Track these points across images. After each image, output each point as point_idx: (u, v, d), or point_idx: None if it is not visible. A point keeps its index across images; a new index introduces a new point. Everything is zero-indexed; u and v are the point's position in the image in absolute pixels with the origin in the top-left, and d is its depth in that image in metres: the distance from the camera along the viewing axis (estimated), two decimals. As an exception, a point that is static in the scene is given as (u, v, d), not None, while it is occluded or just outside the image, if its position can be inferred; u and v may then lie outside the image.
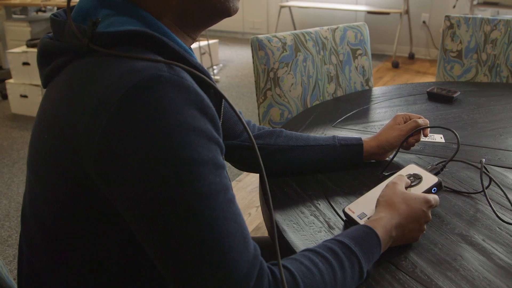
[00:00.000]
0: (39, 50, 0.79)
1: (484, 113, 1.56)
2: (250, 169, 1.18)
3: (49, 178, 0.74)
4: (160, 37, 0.72)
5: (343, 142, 1.16)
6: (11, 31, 4.70)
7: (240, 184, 2.89)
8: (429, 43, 5.79)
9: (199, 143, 0.64)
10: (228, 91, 4.62)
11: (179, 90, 0.65)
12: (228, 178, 0.69)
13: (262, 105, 1.66)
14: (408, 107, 1.61)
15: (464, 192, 1.08)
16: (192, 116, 0.65)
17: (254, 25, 6.96)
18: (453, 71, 2.17)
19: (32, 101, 3.99)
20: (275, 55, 1.64)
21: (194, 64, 0.73)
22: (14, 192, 2.84)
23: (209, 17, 0.82)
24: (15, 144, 3.52)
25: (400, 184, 0.92)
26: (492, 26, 2.08)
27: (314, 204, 1.04)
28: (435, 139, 1.35)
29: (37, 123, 0.79)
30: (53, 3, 4.33)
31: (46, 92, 0.79)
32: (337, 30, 1.84)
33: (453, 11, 5.44)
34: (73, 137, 0.68)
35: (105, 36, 0.70)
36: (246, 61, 5.75)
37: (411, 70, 5.34)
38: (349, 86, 1.88)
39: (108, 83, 0.65)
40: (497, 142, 1.34)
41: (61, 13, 0.80)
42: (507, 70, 2.07)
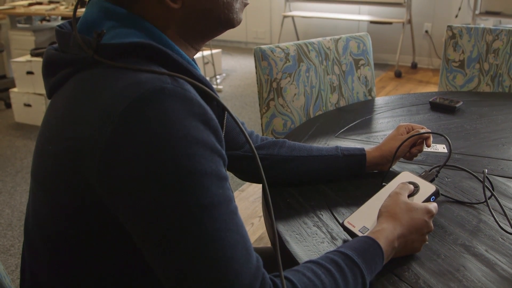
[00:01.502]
0: (44, 61, 0.80)
1: (486, 123, 1.56)
2: (253, 179, 1.18)
3: (53, 189, 0.74)
4: (164, 49, 0.72)
5: (346, 153, 1.16)
6: (15, 40, 4.73)
7: (242, 194, 2.89)
8: (432, 52, 5.80)
9: (202, 155, 0.65)
10: (231, 101, 4.63)
11: (182, 102, 0.65)
12: (230, 190, 0.70)
13: (265, 115, 1.67)
14: (411, 117, 1.62)
15: (467, 202, 1.08)
16: (195, 128, 0.65)
17: (257, 34, 6.98)
18: (455, 81, 2.17)
19: (36, 110, 4.01)
20: (278, 65, 1.65)
21: (198, 76, 0.74)
22: (17, 201, 2.85)
23: (213, 28, 0.83)
24: (18, 153, 3.53)
25: (403, 194, 0.92)
26: (494, 36, 2.09)
27: (317, 214, 1.04)
28: (437, 149, 1.35)
29: (41, 133, 0.79)
30: (57, 13, 4.36)
31: (51, 103, 0.79)
32: (339, 40, 1.84)
33: (455, 21, 5.45)
34: (77, 147, 0.68)
35: (109, 48, 0.71)
36: (249, 70, 5.76)
37: (413, 79, 5.34)
38: (352, 96, 1.89)
39: (112, 94, 0.66)
40: (500, 152, 1.34)
41: (66, 24, 0.81)
42: (509, 80, 2.08)
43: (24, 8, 4.64)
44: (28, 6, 4.69)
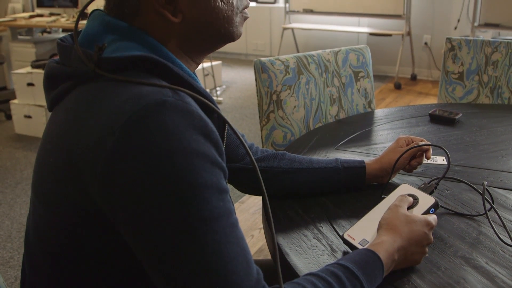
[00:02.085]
0: (46, 74, 0.81)
1: (486, 135, 1.56)
2: (253, 192, 1.18)
3: (54, 201, 0.75)
4: (164, 62, 0.73)
5: (345, 165, 1.16)
6: (16, 52, 4.75)
7: (243, 205, 2.89)
8: (431, 64, 5.82)
9: (203, 168, 0.65)
10: (231, 113, 4.64)
11: (183, 115, 0.66)
12: (231, 202, 0.70)
13: (265, 128, 1.67)
14: (411, 129, 1.62)
15: (467, 214, 1.08)
16: (196, 140, 0.65)
17: (257, 46, 7.01)
18: (455, 93, 2.18)
19: (36, 121, 4.01)
20: (278, 77, 1.66)
21: (198, 89, 0.74)
22: (17, 213, 2.84)
23: (213, 42, 0.84)
24: (18, 164, 3.53)
25: (403, 206, 0.93)
26: (493, 48, 2.10)
27: (317, 227, 1.04)
28: (437, 161, 1.36)
29: (42, 146, 0.80)
30: (58, 25, 4.38)
31: (52, 116, 0.80)
32: (339, 53, 1.85)
33: (454, 33, 5.48)
34: (78, 160, 0.68)
35: (111, 61, 0.71)
36: (249, 82, 5.78)
37: (413, 91, 5.35)
38: (352, 108, 1.89)
39: (113, 107, 0.66)
40: (499, 164, 1.34)
41: (68, 38, 0.82)
42: (508, 92, 2.08)
43: (25, 20, 4.67)
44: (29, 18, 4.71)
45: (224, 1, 0.80)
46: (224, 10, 0.81)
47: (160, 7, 0.76)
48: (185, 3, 0.77)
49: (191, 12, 0.78)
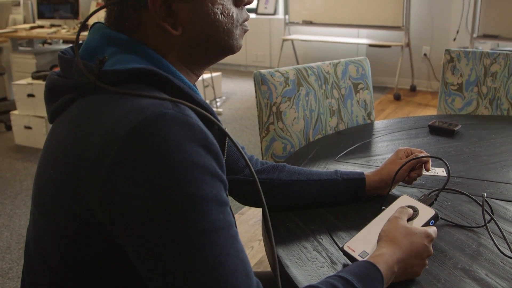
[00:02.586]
0: (47, 86, 0.81)
1: (485, 146, 1.56)
2: (253, 203, 1.18)
3: (54, 213, 0.75)
4: (165, 74, 0.73)
5: (345, 177, 1.16)
6: (17, 63, 4.76)
7: (242, 217, 2.89)
8: (431, 75, 5.83)
9: (203, 180, 0.65)
10: (231, 124, 4.64)
11: (183, 127, 0.66)
12: (231, 215, 0.70)
13: (265, 139, 1.68)
14: (410, 140, 1.62)
15: (466, 226, 1.08)
16: (196, 153, 0.66)
17: (257, 58, 7.03)
18: (454, 104, 2.19)
19: (36, 132, 4.02)
20: (277, 89, 1.66)
21: (199, 101, 0.75)
22: (16, 224, 2.84)
23: (213, 54, 0.85)
24: (18, 175, 3.53)
25: (402, 218, 0.93)
26: (491, 59, 2.11)
27: (317, 239, 1.04)
28: (436, 173, 1.36)
29: (43, 158, 0.80)
30: (59, 36, 4.40)
31: (53, 128, 0.80)
32: (338, 64, 1.86)
33: (453, 44, 5.50)
34: (78, 173, 0.69)
35: (111, 74, 0.72)
36: (249, 93, 5.79)
37: (413, 102, 5.36)
38: (351, 120, 1.90)
39: (114, 120, 0.67)
40: (499, 175, 1.34)
41: (69, 50, 0.82)
42: (507, 103, 2.09)
43: (26, 31, 4.69)
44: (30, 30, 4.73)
45: (224, 14, 0.81)
46: (224, 23, 0.81)
47: (160, 20, 0.76)
48: (185, 16, 0.78)
49: (191, 25, 0.79)
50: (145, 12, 0.77)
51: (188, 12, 0.78)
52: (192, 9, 0.78)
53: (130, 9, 0.77)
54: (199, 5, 0.78)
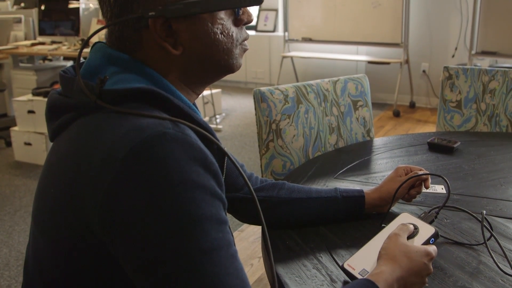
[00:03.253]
0: (48, 105, 0.82)
1: (484, 163, 1.57)
2: (252, 221, 1.18)
3: (54, 232, 0.75)
4: (165, 94, 0.74)
5: (345, 194, 1.17)
6: (17, 79, 4.78)
7: (242, 234, 2.88)
8: (430, 92, 5.85)
9: (202, 199, 0.66)
10: (230, 141, 4.65)
11: (183, 147, 0.66)
12: (230, 233, 0.70)
13: (265, 157, 1.68)
14: (409, 157, 1.63)
15: (466, 243, 1.08)
16: (196, 172, 0.66)
17: (256, 75, 7.06)
18: (453, 121, 2.19)
19: (36, 149, 4.02)
20: (277, 107, 1.67)
21: (198, 121, 0.75)
22: (15, 240, 2.83)
23: (213, 74, 0.85)
24: (17, 191, 3.52)
25: (402, 235, 0.93)
26: (490, 76, 2.12)
27: (316, 257, 1.04)
28: (436, 190, 1.36)
29: (43, 176, 0.80)
30: (59, 53, 4.42)
31: (53, 146, 0.80)
32: (338, 82, 1.87)
33: (452, 61, 5.53)
34: (78, 191, 0.69)
35: (112, 94, 0.72)
36: (249, 110, 5.81)
37: (412, 119, 5.38)
38: (351, 137, 1.90)
39: (114, 139, 0.67)
40: (498, 192, 1.34)
41: (70, 69, 0.83)
42: (506, 120, 2.10)
43: (27, 48, 4.71)
44: (31, 46, 4.76)
45: (224, 34, 0.82)
46: (224, 42, 0.82)
47: (161, 40, 0.77)
48: (186, 36, 0.79)
49: (191, 45, 0.79)
50: (146, 32, 0.78)
51: (188, 32, 0.78)
52: (192, 29, 0.79)
53: (131, 29, 0.78)
54: (199, 25, 0.79)
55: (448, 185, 1.14)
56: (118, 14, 0.77)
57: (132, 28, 0.78)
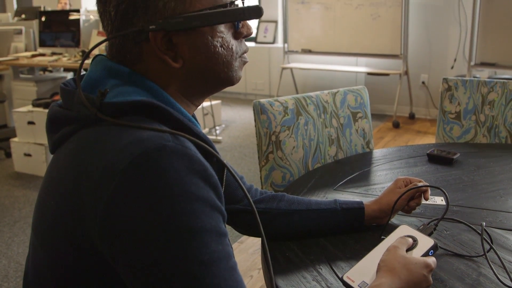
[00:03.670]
0: (49, 117, 0.82)
1: (484, 174, 1.57)
2: (252, 233, 1.18)
3: (54, 243, 0.75)
4: (165, 107, 0.74)
5: (344, 206, 1.17)
6: (17, 90, 4.79)
7: (242, 246, 2.88)
8: (429, 103, 5.87)
9: (202, 212, 0.66)
10: (230, 152, 4.65)
11: (183, 159, 0.67)
12: (230, 246, 0.70)
13: (264, 168, 1.68)
14: (409, 169, 1.63)
15: (466, 255, 1.08)
16: (195, 185, 0.66)
17: (256, 86, 7.07)
18: (452, 132, 2.20)
19: (36, 160, 4.02)
20: (276, 118, 1.68)
21: (198, 133, 0.76)
22: (14, 252, 2.82)
23: (213, 86, 0.86)
24: (17, 202, 3.52)
25: (401, 248, 0.93)
26: (489, 88, 2.13)
27: (316, 269, 1.04)
28: (435, 202, 1.36)
29: (43, 188, 0.80)
30: (59, 64, 4.43)
31: (53, 158, 0.81)
32: (337, 94, 1.88)
33: (451, 72, 5.54)
34: (78, 203, 0.69)
35: (112, 106, 0.73)
36: (248, 121, 5.81)
37: (411, 130, 5.38)
38: (350, 149, 1.91)
39: (114, 151, 0.67)
40: (498, 204, 1.34)
41: (71, 82, 0.84)
42: (505, 131, 2.10)
43: (27, 59, 4.72)
44: (31, 58, 4.77)
45: (223, 47, 0.82)
46: (223, 55, 0.83)
47: (161, 53, 0.78)
48: (185, 49, 0.79)
49: (191, 58, 0.80)
50: (146, 45, 0.78)
51: (188, 45, 0.79)
52: (192, 42, 0.79)
53: (132, 42, 0.78)
54: (199, 38, 0.79)
55: (447, 198, 1.14)
56: (118, 27, 0.78)
57: (132, 41, 0.78)
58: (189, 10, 0.77)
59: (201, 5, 0.78)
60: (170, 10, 0.77)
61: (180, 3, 0.77)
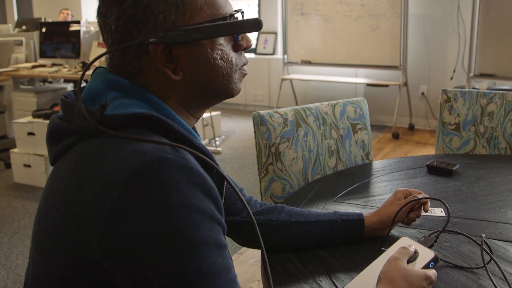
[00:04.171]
0: (49, 129, 0.82)
1: (483, 185, 1.57)
2: (252, 245, 1.18)
3: (54, 255, 0.75)
4: (165, 119, 0.75)
5: (344, 218, 1.17)
6: (18, 101, 4.80)
7: (241, 257, 2.87)
8: (428, 114, 5.88)
9: (202, 224, 0.66)
10: (230, 163, 4.65)
11: (183, 171, 0.67)
12: (230, 258, 0.70)
13: (264, 180, 1.68)
14: (408, 180, 1.63)
15: (466, 267, 1.08)
16: (195, 197, 0.67)
17: (256, 97, 7.09)
18: (452, 144, 2.20)
19: (36, 171, 4.02)
20: (276, 130, 1.68)
21: (198, 145, 0.76)
22: (13, 263, 2.82)
23: (212, 98, 0.87)
24: (16, 213, 3.51)
25: (402, 259, 0.92)
26: (488, 99, 2.13)
27: (316, 280, 1.04)
28: (435, 213, 1.36)
29: (43, 199, 0.80)
30: (60, 75, 4.45)
31: (54, 170, 0.81)
32: (337, 105, 1.88)
33: (450, 83, 5.56)
34: (79, 216, 0.69)
35: (112, 119, 0.73)
36: (248, 132, 5.82)
37: (411, 141, 5.39)
38: (350, 160, 1.91)
39: (114, 164, 0.68)
40: (498, 215, 1.34)
41: (71, 94, 0.84)
42: (505, 142, 2.10)
43: (27, 70, 4.74)
44: (32, 69, 4.79)
45: (223, 59, 0.83)
46: (223, 67, 0.83)
47: (161, 66, 0.78)
48: (186, 61, 0.80)
49: (191, 70, 0.81)
50: (146, 58, 0.79)
51: (188, 58, 0.80)
52: (192, 54, 0.80)
53: (132, 55, 0.79)
54: (199, 50, 0.80)
55: (448, 210, 1.14)
56: (119, 40, 0.79)
57: (133, 54, 0.79)
58: (189, 23, 0.78)
59: (201, 18, 0.79)
60: (170, 23, 0.77)
61: (180, 16, 0.78)
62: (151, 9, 0.76)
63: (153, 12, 0.76)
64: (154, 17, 0.77)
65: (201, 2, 0.79)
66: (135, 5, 0.76)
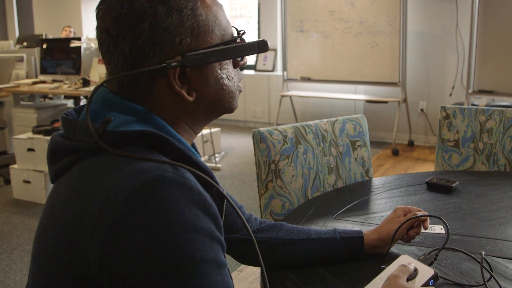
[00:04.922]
0: (50, 147, 0.83)
1: (483, 202, 1.57)
2: (251, 263, 1.18)
3: (53, 273, 0.75)
4: (166, 137, 0.75)
5: (344, 235, 1.17)
6: (18, 117, 4.81)
7: (241, 274, 2.86)
8: (428, 130, 5.89)
9: (201, 242, 0.66)
10: (229, 179, 4.65)
11: (182, 190, 0.67)
12: (229, 276, 0.70)
13: (264, 197, 1.69)
14: (408, 197, 1.63)
15: (466, 284, 1.07)
16: (195, 215, 0.67)
17: (255, 114, 7.11)
18: (451, 160, 2.20)
19: (35, 187, 4.01)
20: (276, 147, 1.68)
21: (198, 163, 0.77)
22: (12, 279, 2.80)
23: (216, 115, 0.89)
24: (15, 230, 3.50)
25: (402, 277, 0.92)
26: (487, 116, 2.14)
27: (316, 298, 1.03)
28: (435, 230, 1.36)
29: (43, 217, 0.81)
30: (60, 91, 4.46)
31: (54, 188, 0.81)
32: (336, 122, 1.89)
33: (449, 99, 5.58)
34: (78, 233, 0.69)
35: (114, 135, 0.74)
36: (248, 149, 5.82)
37: (411, 157, 5.39)
38: (349, 177, 1.91)
39: (114, 182, 0.68)
40: (498, 232, 1.34)
41: (72, 112, 0.85)
42: (504, 159, 2.11)
43: (28, 86, 4.75)
44: (32, 85, 4.80)
45: (228, 78, 0.85)
46: (229, 86, 0.85)
47: (178, 88, 0.79)
48: (198, 82, 0.81)
49: (203, 90, 0.82)
50: (160, 80, 0.79)
51: (200, 78, 0.81)
52: (204, 75, 0.81)
53: (146, 77, 0.79)
54: (209, 71, 0.82)
55: (448, 227, 1.14)
56: (133, 63, 0.78)
57: (147, 76, 0.79)
58: (202, 45, 0.80)
59: (212, 40, 0.81)
60: (185, 46, 0.78)
61: (194, 38, 0.79)
62: (168, 32, 0.77)
63: (171, 35, 0.77)
64: (171, 40, 0.77)
65: (212, 24, 0.81)
66: (153, 28, 0.76)
